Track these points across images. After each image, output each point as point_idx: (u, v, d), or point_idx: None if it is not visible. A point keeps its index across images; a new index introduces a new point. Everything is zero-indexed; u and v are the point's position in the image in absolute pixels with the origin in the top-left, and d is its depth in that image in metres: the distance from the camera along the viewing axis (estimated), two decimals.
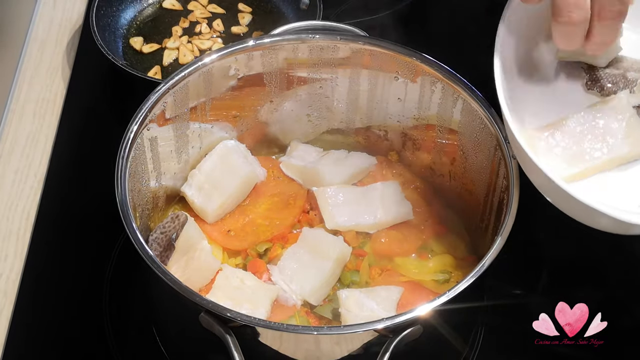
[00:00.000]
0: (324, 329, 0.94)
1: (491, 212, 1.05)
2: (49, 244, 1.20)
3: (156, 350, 1.08)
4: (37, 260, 1.17)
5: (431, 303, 0.88)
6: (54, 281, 1.16)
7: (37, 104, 1.36)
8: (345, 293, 1.03)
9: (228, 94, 1.13)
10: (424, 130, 1.15)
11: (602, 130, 0.96)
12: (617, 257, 1.15)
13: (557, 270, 1.19)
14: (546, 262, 1.20)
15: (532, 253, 1.19)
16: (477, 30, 1.48)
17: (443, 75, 1.07)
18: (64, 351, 1.10)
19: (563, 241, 1.21)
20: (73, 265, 1.18)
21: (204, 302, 0.88)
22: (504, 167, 1.00)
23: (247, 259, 1.10)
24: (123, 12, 1.46)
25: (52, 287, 1.15)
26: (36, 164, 1.28)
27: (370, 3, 1.51)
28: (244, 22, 1.48)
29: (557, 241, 1.21)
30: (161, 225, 1.07)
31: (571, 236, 1.21)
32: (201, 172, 1.12)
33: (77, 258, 1.18)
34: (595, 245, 1.16)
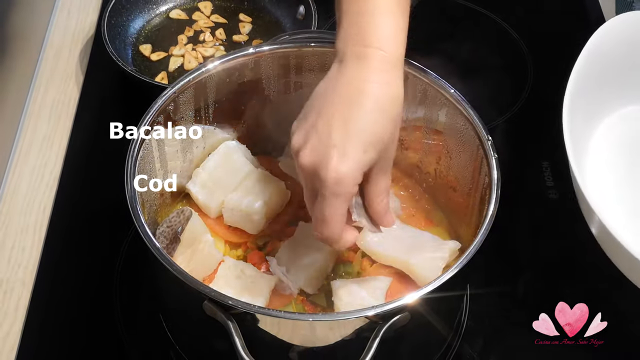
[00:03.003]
0: (319, 315, 0.95)
1: (474, 207, 1.05)
2: (64, 237, 1.19)
3: (163, 335, 1.08)
4: (53, 251, 1.17)
5: (418, 292, 0.88)
6: (68, 271, 1.16)
7: (52, 106, 1.36)
8: (338, 283, 1.03)
9: (230, 97, 1.13)
10: (411, 131, 1.14)
11: None
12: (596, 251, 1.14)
13: (536, 262, 1.19)
14: (526, 254, 1.20)
15: (512, 246, 1.19)
16: (462, 38, 1.49)
17: (429, 80, 1.07)
18: (77, 335, 1.10)
19: (543, 234, 1.21)
20: (86, 256, 1.18)
21: (208, 291, 0.87)
22: (486, 166, 1.00)
23: (247, 251, 1.10)
24: (132, 21, 1.46)
25: (67, 277, 1.15)
26: (52, 163, 1.28)
27: None
28: (245, 31, 1.47)
29: (537, 235, 1.22)
30: (167, 220, 1.07)
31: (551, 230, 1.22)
32: (205, 171, 1.12)
33: (89, 250, 1.18)
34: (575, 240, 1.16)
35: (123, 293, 1.12)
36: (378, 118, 0.85)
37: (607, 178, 1.17)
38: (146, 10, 1.48)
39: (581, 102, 1.10)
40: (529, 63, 1.43)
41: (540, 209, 1.24)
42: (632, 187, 1.17)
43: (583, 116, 1.13)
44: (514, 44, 1.47)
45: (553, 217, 1.23)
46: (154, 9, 1.49)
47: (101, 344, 1.09)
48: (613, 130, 1.22)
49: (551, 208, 1.24)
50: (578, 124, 1.09)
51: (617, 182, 1.17)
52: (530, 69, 1.42)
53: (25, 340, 1.08)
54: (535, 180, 1.27)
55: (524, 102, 1.37)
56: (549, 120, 1.05)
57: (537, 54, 1.45)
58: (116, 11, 1.42)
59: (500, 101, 1.36)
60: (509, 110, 1.35)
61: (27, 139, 1.31)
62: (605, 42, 1.15)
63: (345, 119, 0.84)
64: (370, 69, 0.86)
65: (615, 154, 1.20)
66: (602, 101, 1.21)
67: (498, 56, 1.47)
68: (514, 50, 1.46)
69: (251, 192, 1.10)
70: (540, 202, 1.24)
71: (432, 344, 1.07)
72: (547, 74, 1.06)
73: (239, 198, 1.09)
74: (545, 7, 1.58)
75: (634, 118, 1.24)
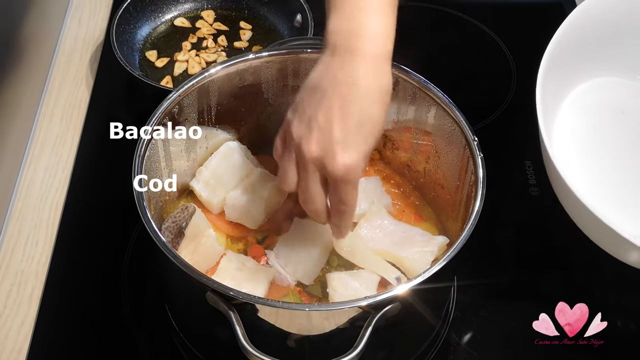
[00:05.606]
0: (315, 305, 0.94)
1: (461, 204, 1.05)
2: (75, 232, 1.19)
3: (168, 324, 1.08)
4: (64, 245, 1.17)
5: (408, 283, 0.88)
6: (79, 264, 1.16)
7: (64, 109, 1.36)
8: (333, 275, 1.02)
9: (231, 100, 1.12)
10: (402, 132, 1.14)
11: None
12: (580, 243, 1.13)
13: (519, 255, 1.19)
14: (509, 247, 1.20)
15: (497, 240, 1.19)
16: (449, 43, 1.49)
17: (418, 84, 1.07)
18: (87, 324, 1.10)
19: (525, 229, 1.21)
20: (96, 250, 1.17)
21: (210, 283, 0.88)
22: (472, 164, 1.00)
23: (248, 245, 1.10)
24: (139, 29, 1.45)
25: (77, 269, 1.15)
26: (63, 162, 1.28)
27: None
28: (245, 38, 1.47)
29: (520, 230, 1.22)
30: (172, 216, 1.07)
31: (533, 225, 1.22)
32: (207, 169, 1.12)
33: (99, 244, 1.18)
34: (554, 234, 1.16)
35: (131, 284, 1.12)
36: (373, 109, 0.88)
37: (573, 142, 1.17)
38: (152, 19, 1.47)
39: (556, 71, 1.09)
40: (512, 67, 1.43)
41: (523, 205, 1.24)
42: (595, 151, 1.17)
43: (557, 84, 1.13)
44: (498, 49, 1.47)
45: (535, 213, 1.23)
46: (159, 17, 1.48)
47: (110, 332, 1.09)
48: (583, 98, 1.22)
49: (533, 205, 1.23)
50: (550, 91, 1.09)
51: (581, 147, 1.17)
52: (514, 73, 1.42)
53: (39, 329, 1.08)
54: (518, 178, 1.27)
55: (508, 104, 1.37)
56: (532, 122, 1.05)
57: (520, 59, 1.45)
58: (124, 19, 1.41)
59: (485, 103, 1.36)
60: (494, 112, 1.35)
61: (40, 139, 1.31)
62: (587, 16, 1.15)
63: (344, 113, 0.87)
64: (362, 62, 0.88)
65: (583, 120, 1.20)
66: (577, 70, 1.21)
67: (483, 61, 1.47)
68: (498, 55, 1.46)
69: (251, 189, 1.10)
70: (523, 199, 1.24)
71: (421, 333, 1.07)
72: (530, 77, 1.06)
73: (239, 195, 1.09)
74: (527, 14, 1.58)
75: (605, 88, 1.23)
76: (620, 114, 1.21)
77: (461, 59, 1.46)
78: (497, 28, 1.50)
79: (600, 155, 1.17)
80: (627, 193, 1.12)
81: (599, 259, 1.02)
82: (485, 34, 1.50)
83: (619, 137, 1.19)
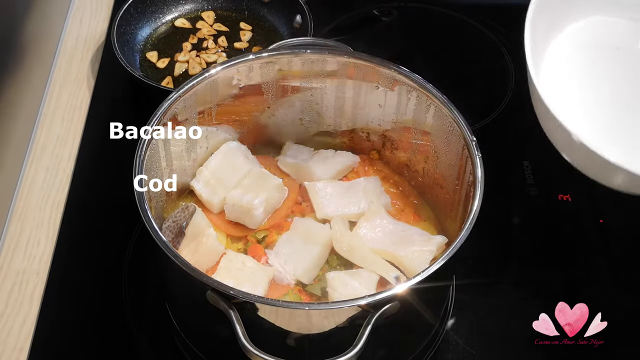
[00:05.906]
0: (314, 304, 0.94)
1: (460, 203, 1.05)
2: (76, 231, 1.19)
3: (168, 323, 1.08)
4: (65, 245, 1.17)
5: (407, 282, 0.88)
6: (80, 263, 1.16)
7: (65, 109, 1.35)
8: (332, 274, 1.02)
9: (231, 100, 1.12)
10: (401, 132, 1.14)
11: None
12: (580, 242, 1.12)
13: (517, 254, 1.19)
14: (507, 247, 1.20)
15: (495, 239, 1.18)
16: (448, 43, 1.49)
17: (417, 84, 1.07)
18: (88, 323, 1.10)
19: (523, 229, 1.21)
20: (97, 249, 1.17)
21: (210, 282, 0.87)
22: (471, 165, 1.00)
23: (248, 244, 1.09)
24: (140, 30, 1.45)
25: (78, 268, 1.15)
26: (64, 162, 1.27)
27: (355, 22, 1.51)
28: (245, 39, 1.47)
29: (518, 229, 1.22)
30: (173, 215, 1.06)
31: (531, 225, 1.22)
32: (208, 169, 1.12)
33: (100, 243, 1.18)
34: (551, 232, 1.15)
35: (131, 283, 1.12)
36: None
37: (563, 79, 1.15)
38: (153, 20, 1.47)
39: (548, 10, 1.08)
40: (511, 68, 1.43)
41: (521, 205, 1.24)
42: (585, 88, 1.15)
43: (548, 22, 1.12)
44: (497, 50, 1.47)
45: (533, 213, 1.23)
46: (160, 18, 1.48)
47: (111, 330, 1.09)
48: (575, 36, 1.20)
49: (531, 204, 1.23)
50: (542, 27, 1.07)
51: (571, 83, 1.16)
52: (513, 73, 1.42)
53: (40, 328, 1.08)
54: (516, 178, 1.27)
55: (507, 105, 1.37)
56: (530, 122, 1.04)
57: (519, 59, 1.44)
58: (125, 20, 1.41)
59: (484, 103, 1.36)
60: (493, 113, 1.35)
61: (41, 139, 1.31)
62: None
63: None
64: None
65: (575, 56, 1.18)
66: (569, 7, 1.19)
67: (482, 61, 1.47)
68: (497, 55, 1.46)
69: (251, 189, 1.09)
70: (521, 198, 1.24)
71: (420, 331, 1.07)
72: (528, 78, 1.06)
73: (239, 195, 1.09)
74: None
75: (597, 26, 1.21)
76: (615, 49, 1.19)
77: (460, 59, 1.46)
78: (496, 28, 1.50)
79: (590, 90, 1.15)
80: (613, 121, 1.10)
81: (599, 258, 1.02)
82: (484, 34, 1.50)
83: (613, 73, 1.17)
